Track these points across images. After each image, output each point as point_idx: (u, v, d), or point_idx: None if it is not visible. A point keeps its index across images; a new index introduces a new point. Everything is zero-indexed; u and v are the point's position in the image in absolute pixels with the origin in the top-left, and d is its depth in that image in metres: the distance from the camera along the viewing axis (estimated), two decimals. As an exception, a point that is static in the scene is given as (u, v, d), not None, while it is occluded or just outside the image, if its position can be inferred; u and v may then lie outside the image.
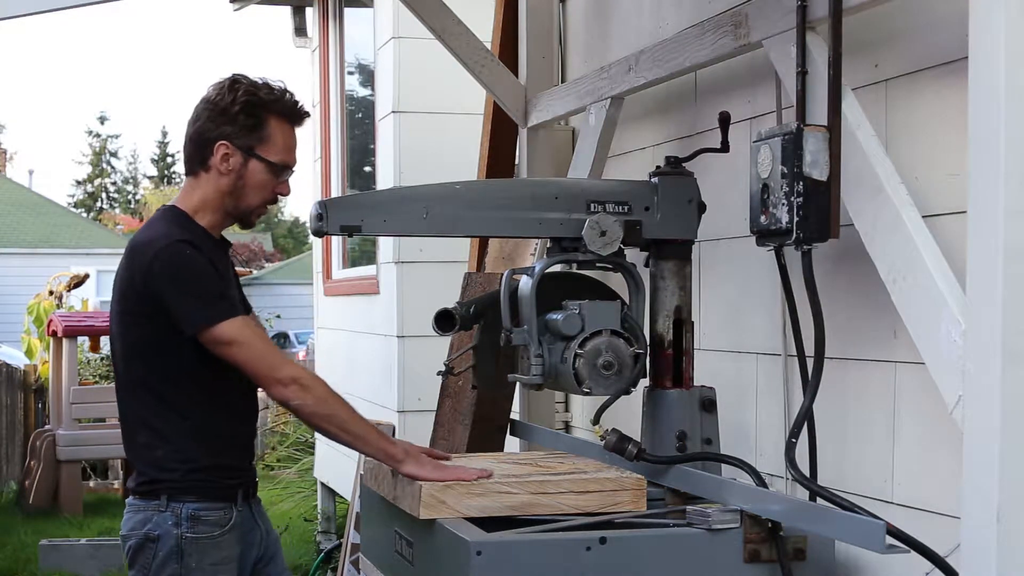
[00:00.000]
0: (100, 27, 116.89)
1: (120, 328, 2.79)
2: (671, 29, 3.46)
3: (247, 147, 2.74)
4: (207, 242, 2.77)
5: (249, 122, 2.73)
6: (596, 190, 2.80)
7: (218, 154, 2.74)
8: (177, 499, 2.72)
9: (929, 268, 2.21)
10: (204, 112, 2.76)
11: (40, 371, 11.61)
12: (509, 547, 2.32)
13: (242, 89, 2.74)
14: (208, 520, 2.74)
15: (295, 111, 2.81)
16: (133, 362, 2.77)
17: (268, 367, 2.66)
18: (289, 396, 2.65)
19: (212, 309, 2.65)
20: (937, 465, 2.46)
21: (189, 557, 2.72)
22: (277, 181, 2.80)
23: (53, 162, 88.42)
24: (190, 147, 2.79)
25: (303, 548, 7.66)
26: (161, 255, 2.67)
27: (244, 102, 2.73)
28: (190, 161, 2.80)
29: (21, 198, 29.56)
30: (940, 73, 2.45)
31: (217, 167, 2.75)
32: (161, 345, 2.71)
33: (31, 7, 4.10)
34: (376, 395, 6.06)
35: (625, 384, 2.68)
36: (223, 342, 2.65)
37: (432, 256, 5.38)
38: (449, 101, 5.46)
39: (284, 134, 2.79)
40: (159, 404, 2.75)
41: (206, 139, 2.74)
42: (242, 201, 2.79)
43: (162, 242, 2.69)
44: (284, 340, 25.58)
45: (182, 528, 2.71)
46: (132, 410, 2.81)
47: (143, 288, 2.69)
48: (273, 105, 2.77)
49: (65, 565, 7.17)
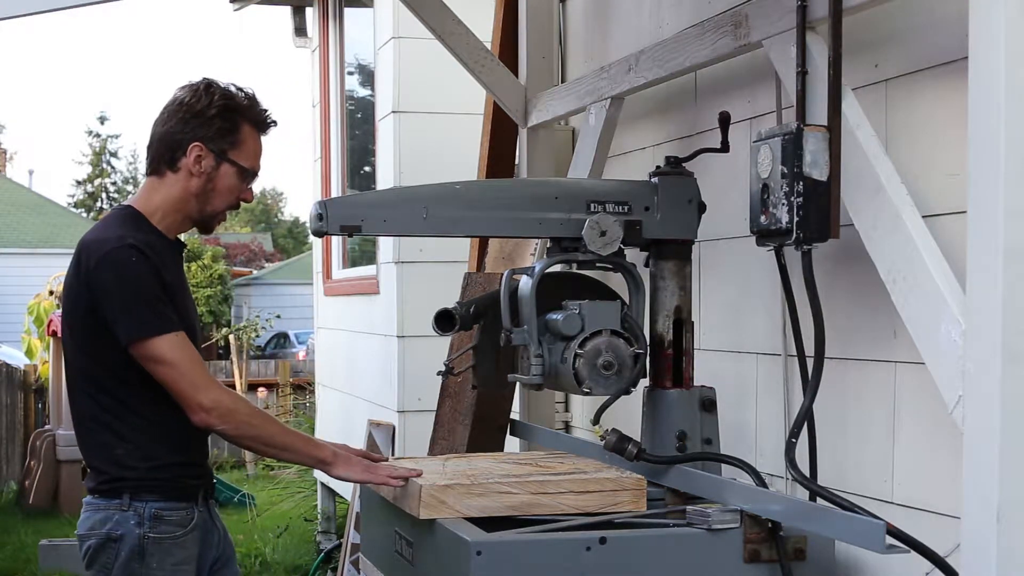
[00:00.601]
0: (100, 27, 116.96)
1: (69, 328, 2.76)
2: (671, 29, 3.46)
3: (220, 150, 2.74)
4: (159, 245, 2.74)
5: (225, 126, 2.74)
6: (596, 190, 2.80)
7: (191, 155, 2.73)
8: (139, 498, 2.71)
9: (929, 268, 2.21)
10: (177, 113, 2.75)
11: (40, 371, 11.62)
12: (509, 547, 2.32)
13: (218, 94, 2.75)
14: (171, 520, 2.72)
15: (265, 120, 2.83)
16: (85, 361, 2.74)
17: (191, 390, 2.63)
18: (211, 423, 2.65)
19: (145, 323, 2.62)
20: (937, 465, 2.46)
21: (151, 557, 2.70)
22: (243, 186, 2.81)
23: (53, 162, 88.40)
24: (159, 147, 2.77)
25: (303, 548, 7.67)
26: (107, 258, 2.65)
27: (221, 106, 2.74)
28: (156, 161, 2.78)
29: (21, 198, 29.54)
30: (940, 73, 2.45)
31: (189, 168, 2.74)
32: (110, 343, 2.66)
33: (31, 7, 4.10)
34: (376, 395, 6.06)
35: (625, 384, 2.68)
36: (151, 358, 2.63)
37: (432, 256, 5.38)
38: (449, 101, 5.46)
39: (254, 141, 2.81)
40: (113, 402, 2.72)
41: (178, 140, 2.74)
42: (208, 204, 2.79)
43: (110, 244, 2.67)
44: (284, 340, 25.59)
45: (144, 527, 2.70)
46: (86, 408, 2.77)
47: (87, 288, 2.67)
48: (247, 112, 2.79)
49: (65, 565, 7.17)
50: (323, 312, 7.73)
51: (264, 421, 2.75)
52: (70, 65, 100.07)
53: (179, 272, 2.82)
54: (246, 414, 2.69)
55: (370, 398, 6.19)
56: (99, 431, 2.75)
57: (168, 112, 2.77)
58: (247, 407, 2.73)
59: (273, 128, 2.86)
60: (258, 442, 2.74)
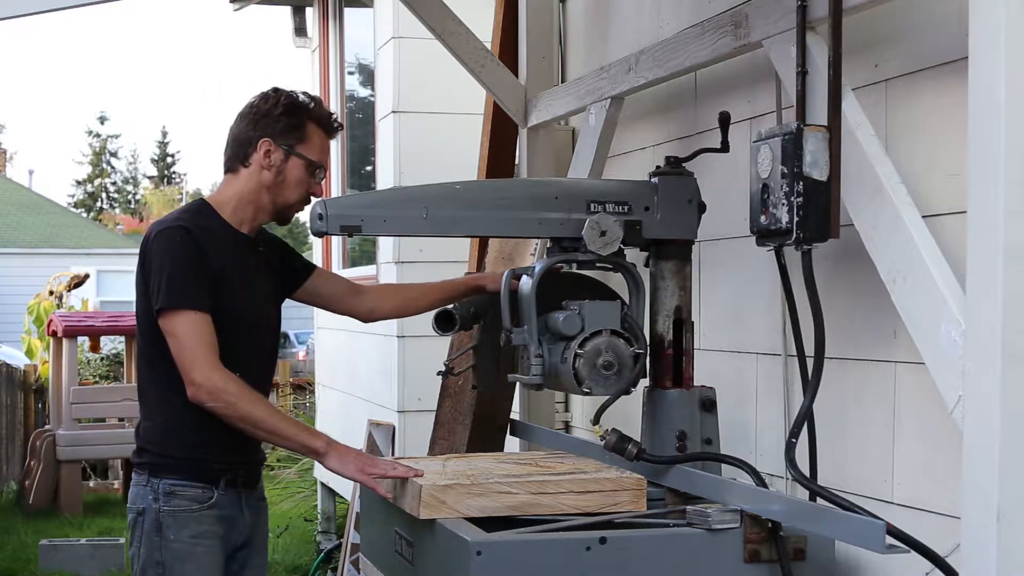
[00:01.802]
0: (100, 27, 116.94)
1: (137, 302, 2.93)
2: (671, 29, 3.46)
3: (288, 145, 2.91)
4: (219, 232, 2.89)
5: (291, 122, 2.92)
6: (596, 190, 2.80)
7: (261, 150, 2.91)
8: (157, 475, 2.86)
9: (929, 268, 2.21)
10: (248, 115, 2.95)
11: (40, 371, 11.61)
12: (509, 547, 2.32)
13: (283, 96, 2.96)
14: (184, 495, 2.85)
15: (330, 121, 3.01)
16: (142, 335, 2.91)
17: (188, 366, 2.75)
18: (201, 397, 2.74)
19: (171, 295, 2.77)
20: (937, 465, 2.46)
21: (168, 529, 2.84)
22: (312, 180, 2.96)
23: (53, 162, 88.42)
24: (233, 146, 2.97)
25: (303, 548, 7.66)
26: (159, 235, 2.84)
27: (286, 105, 2.93)
28: (231, 159, 2.97)
29: (21, 198, 29.54)
30: (940, 73, 2.45)
31: (259, 163, 2.91)
32: (155, 319, 2.81)
33: (31, 7, 4.10)
34: (376, 395, 6.06)
35: (625, 384, 2.68)
36: (166, 329, 2.78)
37: (432, 256, 5.38)
38: (449, 101, 5.46)
39: (320, 137, 2.97)
40: (158, 377, 2.87)
41: (248, 137, 2.93)
42: (280, 196, 2.94)
43: (165, 224, 2.87)
44: (284, 340, 25.56)
45: (160, 503, 2.84)
46: (141, 381, 2.98)
47: (142, 264, 2.86)
48: (312, 111, 2.96)
49: (65, 565, 7.17)
50: (323, 312, 7.70)
51: (255, 403, 2.79)
52: (70, 65, 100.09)
53: (240, 262, 2.93)
54: (235, 394, 2.75)
55: (370, 398, 6.19)
56: (143, 404, 2.95)
57: (240, 116, 2.97)
58: (239, 388, 2.77)
59: (339, 129, 3.03)
60: (247, 423, 2.78)
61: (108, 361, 14.79)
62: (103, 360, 14.38)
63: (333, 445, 2.77)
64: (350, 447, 2.83)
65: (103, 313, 11.72)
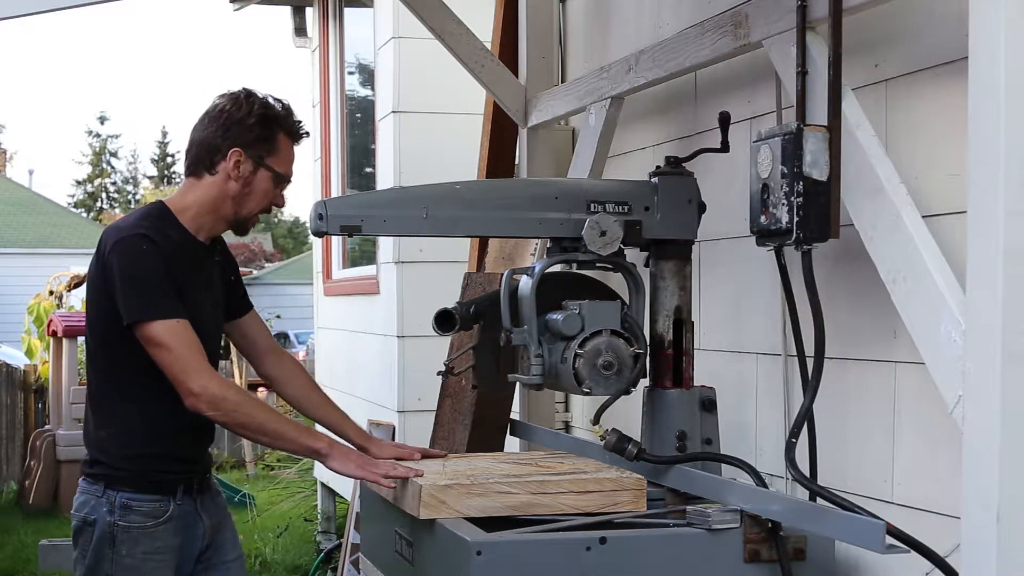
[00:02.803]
0: (100, 27, 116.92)
1: (88, 309, 2.91)
2: (671, 29, 3.46)
3: (258, 156, 2.88)
4: (178, 240, 2.85)
5: (263, 134, 2.88)
6: (596, 190, 2.80)
7: (231, 160, 2.86)
8: (113, 487, 2.83)
9: (929, 268, 2.21)
10: (218, 120, 2.89)
11: (40, 371, 11.62)
12: (509, 547, 2.32)
13: (257, 103, 2.90)
14: (140, 510, 2.83)
15: (298, 130, 2.98)
16: (95, 343, 2.89)
17: (183, 375, 2.72)
18: (201, 407, 2.73)
19: (149, 306, 2.73)
20: (937, 465, 2.46)
21: (121, 544, 2.81)
22: (276, 191, 2.94)
23: (53, 162, 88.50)
24: (198, 150, 2.90)
25: (303, 548, 7.67)
26: (120, 244, 2.78)
27: (260, 115, 2.88)
28: (195, 163, 2.91)
29: (21, 198, 29.54)
30: (940, 73, 2.45)
31: (228, 172, 2.87)
32: (117, 330, 2.78)
33: (31, 7, 4.10)
34: (376, 395, 6.06)
35: (625, 384, 2.68)
36: (149, 341, 2.74)
37: (432, 256, 5.38)
38: (449, 101, 5.46)
39: (288, 149, 2.95)
40: (109, 386, 2.87)
41: (218, 145, 2.87)
42: (243, 207, 2.92)
43: (125, 232, 2.80)
44: (284, 340, 25.55)
45: (115, 516, 2.81)
46: (92, 388, 2.93)
47: (101, 272, 2.81)
48: (283, 121, 2.93)
49: (65, 565, 7.16)
50: (323, 312, 7.72)
51: (255, 408, 2.79)
52: (70, 65, 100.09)
53: (197, 271, 2.90)
54: (235, 401, 2.75)
55: (370, 398, 6.19)
56: (94, 412, 2.91)
57: (209, 118, 2.91)
58: (238, 395, 2.78)
59: (305, 138, 3.01)
60: (248, 429, 2.79)
61: (108, 361, 14.71)
62: (103, 360, 14.33)
63: (335, 446, 2.77)
64: (351, 448, 2.85)
65: (103, 313, 11.69)
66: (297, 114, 2.98)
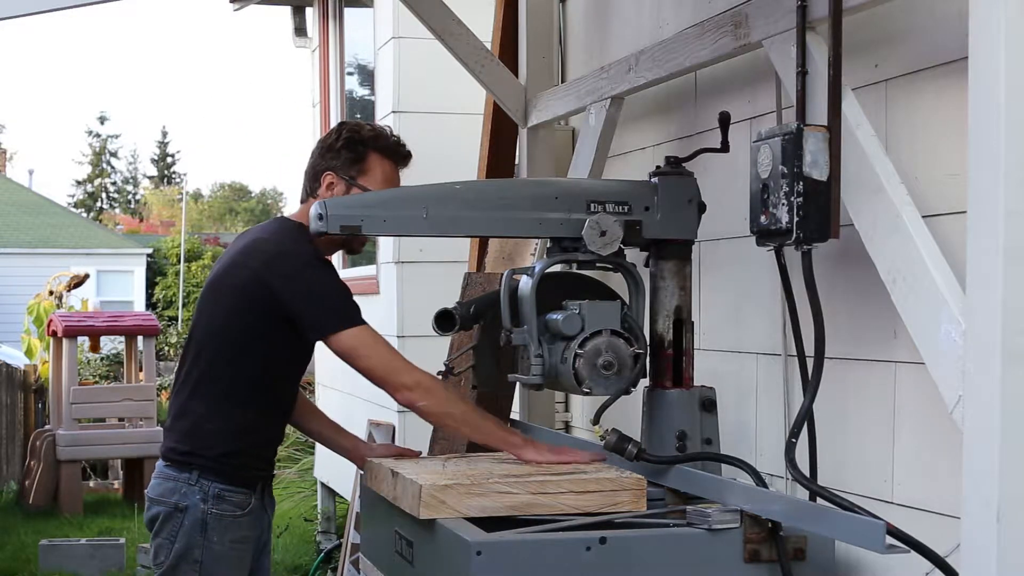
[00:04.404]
0: (100, 27, 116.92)
1: (214, 313, 2.99)
2: (671, 29, 3.47)
3: (350, 177, 3.01)
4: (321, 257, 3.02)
5: (351, 156, 3.02)
6: (596, 190, 2.80)
7: (324, 183, 3.02)
8: (207, 477, 2.95)
9: (929, 268, 2.21)
10: (316, 150, 3.08)
11: (40, 371, 11.62)
12: (509, 547, 2.32)
13: (346, 129, 3.08)
14: (232, 500, 2.97)
15: (396, 149, 3.09)
16: (220, 348, 2.97)
17: (394, 374, 2.88)
18: (415, 399, 2.86)
19: (343, 317, 2.89)
20: (937, 465, 2.46)
21: (212, 531, 2.94)
22: None
23: (53, 162, 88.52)
24: (305, 178, 3.10)
25: (303, 548, 7.66)
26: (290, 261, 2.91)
27: (347, 139, 3.03)
28: (304, 190, 3.10)
29: (21, 198, 29.54)
30: (940, 73, 2.45)
31: (323, 195, 3.00)
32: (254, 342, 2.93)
33: (31, 7, 4.10)
34: (376, 395, 6.02)
35: (625, 384, 2.68)
36: (348, 351, 2.89)
37: (432, 256, 5.38)
38: (449, 101, 5.45)
39: (384, 168, 3.06)
40: (223, 388, 2.97)
41: (316, 171, 3.05)
42: None
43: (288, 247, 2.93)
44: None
45: (208, 504, 2.94)
46: (199, 374, 2.99)
47: (258, 286, 2.89)
48: (373, 141, 3.06)
49: (65, 565, 7.17)
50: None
51: (456, 401, 2.94)
52: (70, 65, 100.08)
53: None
54: (443, 393, 2.91)
55: (370, 398, 6.18)
56: (201, 399, 2.98)
57: (312, 150, 3.10)
58: (444, 386, 2.98)
59: (408, 157, 3.12)
60: (453, 419, 2.91)
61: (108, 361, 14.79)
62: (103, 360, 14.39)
63: (528, 440, 2.86)
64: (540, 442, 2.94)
65: (103, 313, 11.71)
66: (398, 137, 3.10)
